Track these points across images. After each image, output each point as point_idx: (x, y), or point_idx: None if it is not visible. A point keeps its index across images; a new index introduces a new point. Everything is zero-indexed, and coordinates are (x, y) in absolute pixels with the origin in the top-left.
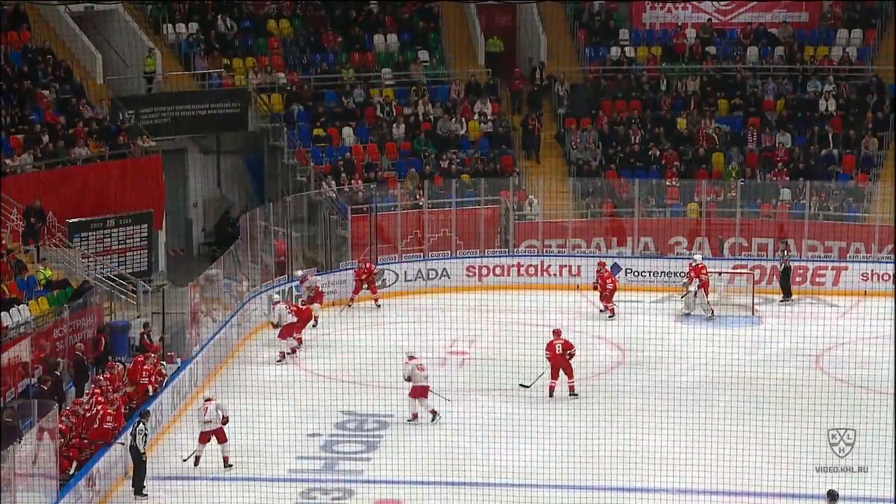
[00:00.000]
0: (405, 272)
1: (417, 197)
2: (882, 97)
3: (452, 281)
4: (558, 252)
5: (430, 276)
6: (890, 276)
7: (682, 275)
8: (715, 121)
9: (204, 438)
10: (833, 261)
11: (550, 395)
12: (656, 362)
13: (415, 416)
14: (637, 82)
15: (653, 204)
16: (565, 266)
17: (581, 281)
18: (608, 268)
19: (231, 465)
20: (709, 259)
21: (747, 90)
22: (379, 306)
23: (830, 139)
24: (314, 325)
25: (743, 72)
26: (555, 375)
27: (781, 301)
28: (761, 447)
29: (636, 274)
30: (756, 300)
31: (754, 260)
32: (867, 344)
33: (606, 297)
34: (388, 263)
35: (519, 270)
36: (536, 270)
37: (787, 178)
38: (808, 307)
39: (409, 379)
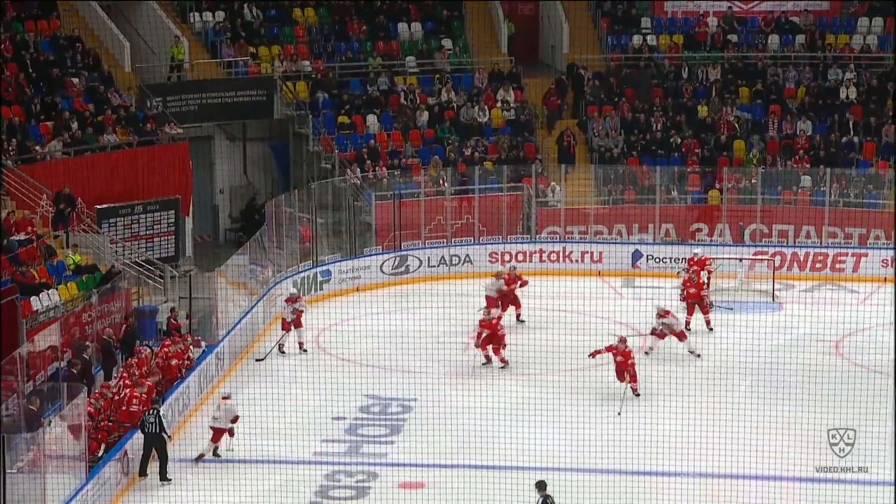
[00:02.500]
0: (428, 258)
1: (441, 184)
2: None
3: (475, 267)
4: (580, 238)
5: (454, 262)
6: None
7: (681, 263)
8: (736, 108)
9: (217, 436)
10: (853, 247)
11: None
12: (678, 347)
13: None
14: (659, 70)
15: (674, 191)
16: (587, 252)
17: (603, 267)
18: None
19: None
20: (729, 245)
21: (768, 78)
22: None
23: (851, 127)
24: (281, 351)
25: (764, 60)
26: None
27: None
28: (781, 432)
29: (657, 260)
30: (776, 286)
31: (774, 246)
32: (886, 329)
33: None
34: (413, 249)
35: (541, 257)
36: (558, 257)
37: (808, 166)
38: (829, 293)
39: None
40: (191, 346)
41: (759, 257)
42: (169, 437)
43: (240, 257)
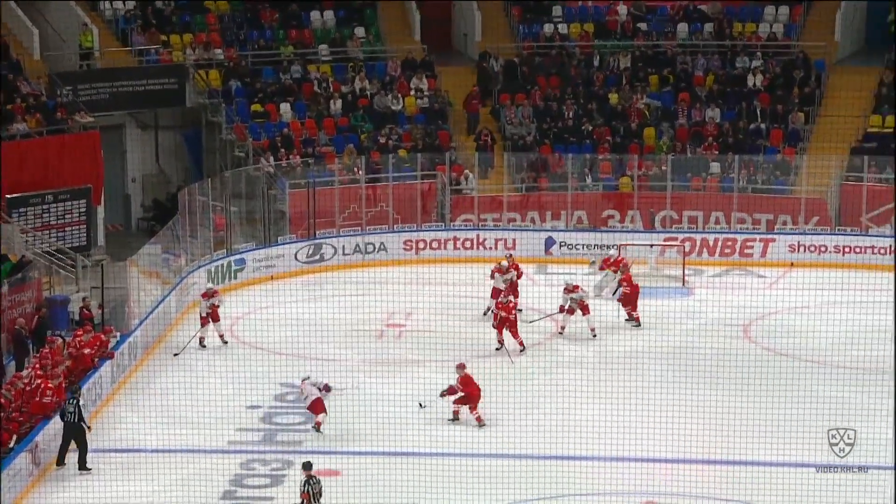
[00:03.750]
0: (343, 246)
1: (355, 172)
2: (808, 72)
3: (389, 255)
4: (494, 226)
5: (368, 250)
6: (816, 248)
7: (596, 257)
8: (646, 96)
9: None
10: (761, 233)
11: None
12: (590, 333)
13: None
14: (571, 58)
15: (587, 179)
16: (501, 239)
17: (515, 254)
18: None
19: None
20: (641, 232)
21: (677, 66)
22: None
23: (758, 114)
24: (202, 345)
25: (673, 48)
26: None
27: None
28: (692, 415)
29: (570, 247)
30: (686, 272)
31: (684, 232)
32: (794, 314)
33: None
34: (328, 237)
35: (455, 244)
36: (472, 244)
37: (717, 153)
38: (737, 278)
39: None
40: (106, 337)
41: (670, 243)
42: (88, 427)
43: (152, 246)
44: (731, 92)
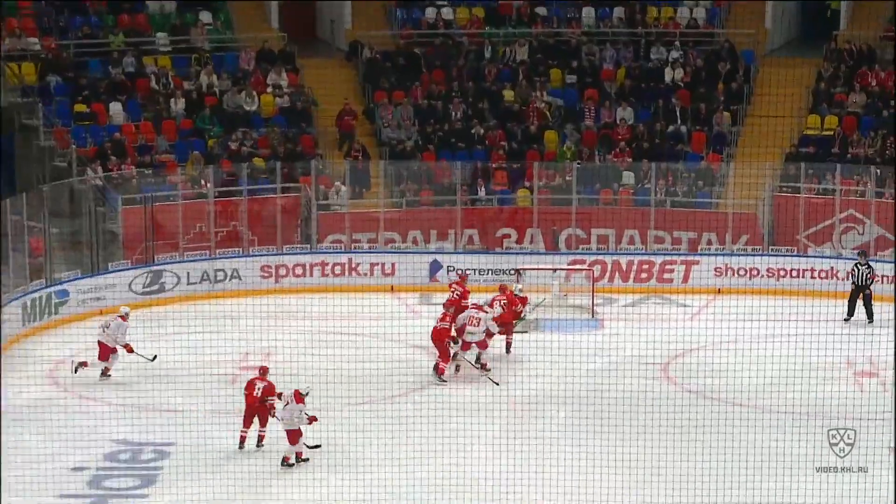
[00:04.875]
0: (188, 273)
1: (202, 185)
2: (735, 65)
3: (245, 283)
4: (369, 248)
5: (219, 278)
6: (747, 272)
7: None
8: (547, 93)
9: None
10: (682, 254)
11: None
12: (483, 374)
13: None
14: (457, 49)
15: (479, 191)
16: (377, 264)
17: (396, 281)
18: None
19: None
20: (542, 254)
21: (583, 58)
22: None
23: (678, 114)
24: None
25: (578, 37)
26: (246, 423)
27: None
28: (601, 469)
29: (459, 272)
30: (596, 300)
31: (593, 254)
32: (721, 349)
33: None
34: (169, 263)
35: (323, 270)
36: (344, 269)
37: (630, 160)
38: (656, 307)
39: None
40: None
41: (576, 267)
42: None
43: None
44: (645, 88)
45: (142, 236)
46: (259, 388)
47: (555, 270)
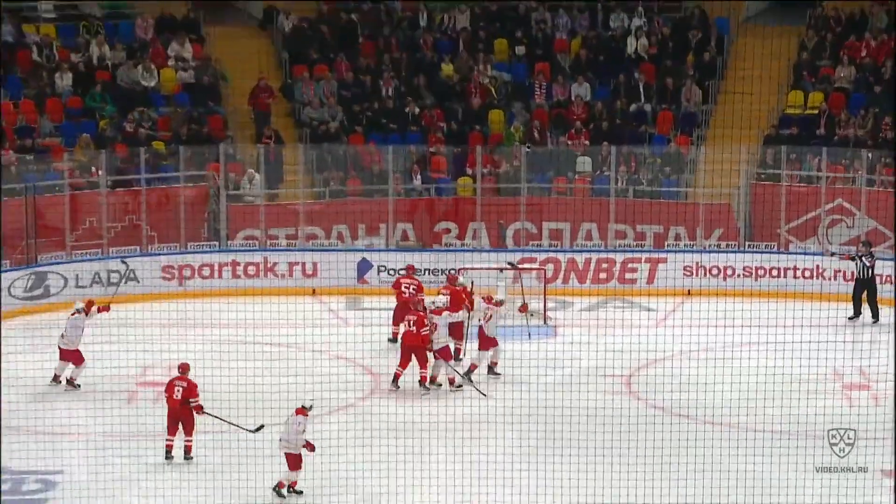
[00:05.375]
0: (77, 275)
1: (93, 172)
2: (707, 35)
3: (143, 286)
4: (287, 245)
5: (112, 281)
6: (720, 271)
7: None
8: (491, 67)
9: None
10: (647, 251)
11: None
12: (419, 389)
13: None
14: (389, 16)
15: (414, 179)
16: (297, 264)
17: (318, 283)
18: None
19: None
20: (486, 251)
21: (533, 27)
22: None
23: (641, 90)
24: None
25: (527, 3)
26: (171, 431)
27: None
28: (556, 496)
29: (392, 272)
30: (549, 304)
31: (545, 251)
32: (691, 359)
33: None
34: (55, 263)
35: (235, 270)
36: (258, 270)
37: (587, 143)
38: (617, 312)
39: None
40: None
41: (526, 266)
42: None
43: None
44: (604, 61)
45: (23, 233)
46: (179, 390)
47: (501, 270)
